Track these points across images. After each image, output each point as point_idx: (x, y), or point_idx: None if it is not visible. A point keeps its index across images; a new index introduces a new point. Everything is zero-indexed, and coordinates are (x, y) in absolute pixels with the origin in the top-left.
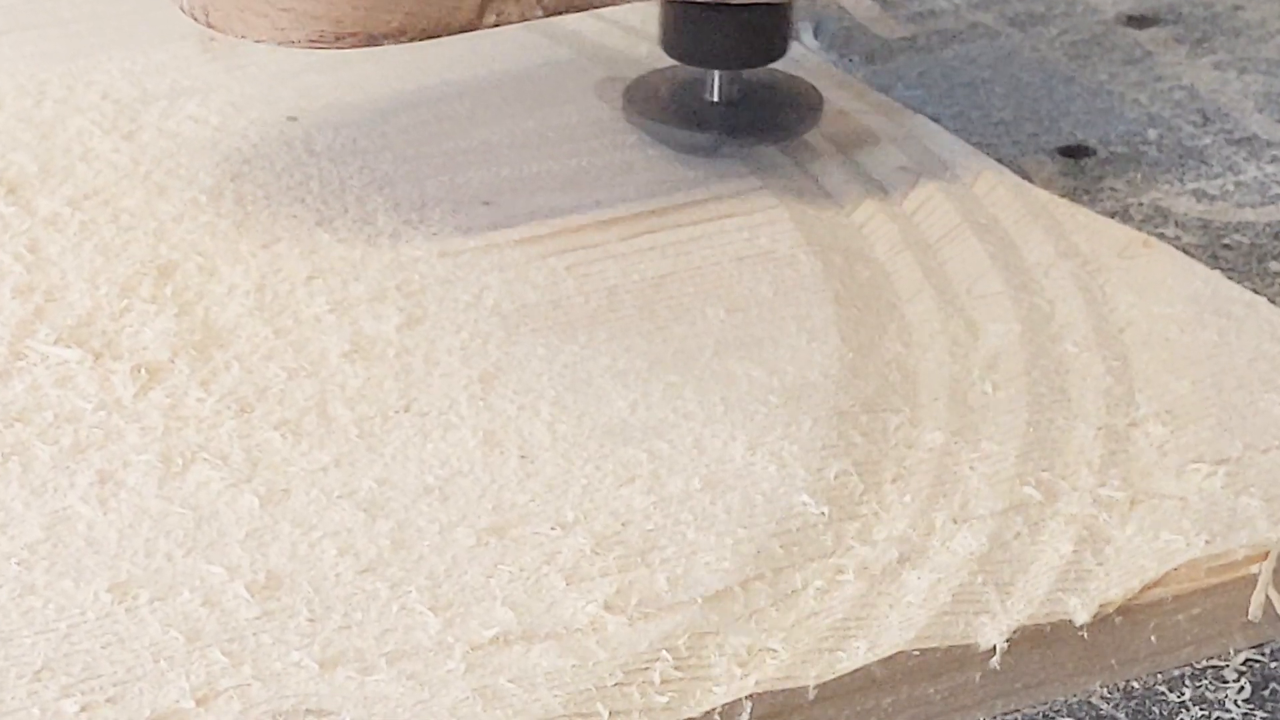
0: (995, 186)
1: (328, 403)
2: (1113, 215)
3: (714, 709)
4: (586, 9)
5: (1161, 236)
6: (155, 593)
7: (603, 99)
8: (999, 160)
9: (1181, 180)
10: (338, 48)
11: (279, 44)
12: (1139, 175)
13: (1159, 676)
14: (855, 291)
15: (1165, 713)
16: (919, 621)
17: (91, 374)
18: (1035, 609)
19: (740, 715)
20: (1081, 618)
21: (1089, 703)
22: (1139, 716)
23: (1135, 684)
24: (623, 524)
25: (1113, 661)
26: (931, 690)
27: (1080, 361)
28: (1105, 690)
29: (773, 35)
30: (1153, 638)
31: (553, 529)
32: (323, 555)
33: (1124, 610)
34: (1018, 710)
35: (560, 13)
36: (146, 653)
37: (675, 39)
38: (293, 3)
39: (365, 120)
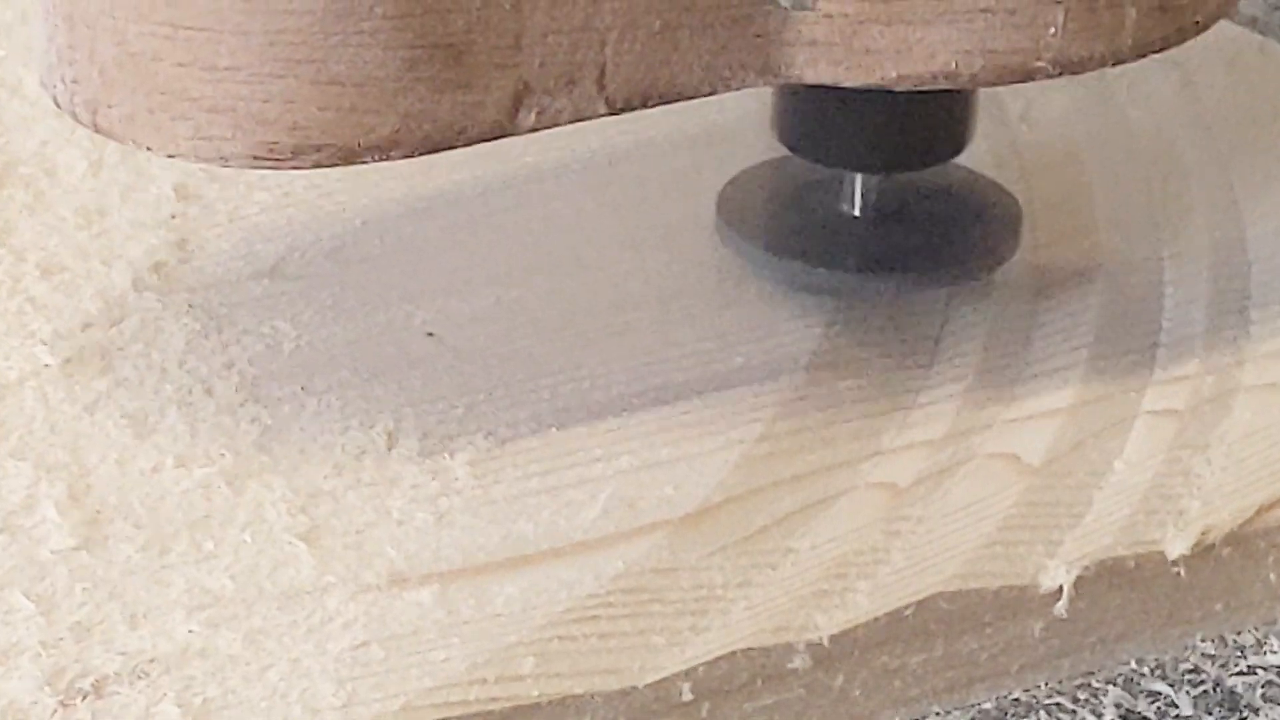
0: None
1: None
2: None
3: (681, 671)
4: (673, 100)
5: None
6: None
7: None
8: None
9: None
10: (295, 166)
11: (204, 161)
12: None
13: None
14: None
15: None
16: (959, 554)
17: None
18: (1114, 538)
19: (717, 679)
20: (1176, 549)
21: (1187, 661)
22: (1254, 679)
23: (1248, 636)
24: (559, 425)
25: (1218, 607)
26: (976, 645)
27: (1174, 204)
28: (1209, 645)
29: (946, 124)
30: (1272, 575)
31: (473, 432)
32: (160, 464)
33: (1233, 539)
34: (1091, 672)
35: (634, 108)
36: None
37: (798, 127)
38: (230, 99)
39: None
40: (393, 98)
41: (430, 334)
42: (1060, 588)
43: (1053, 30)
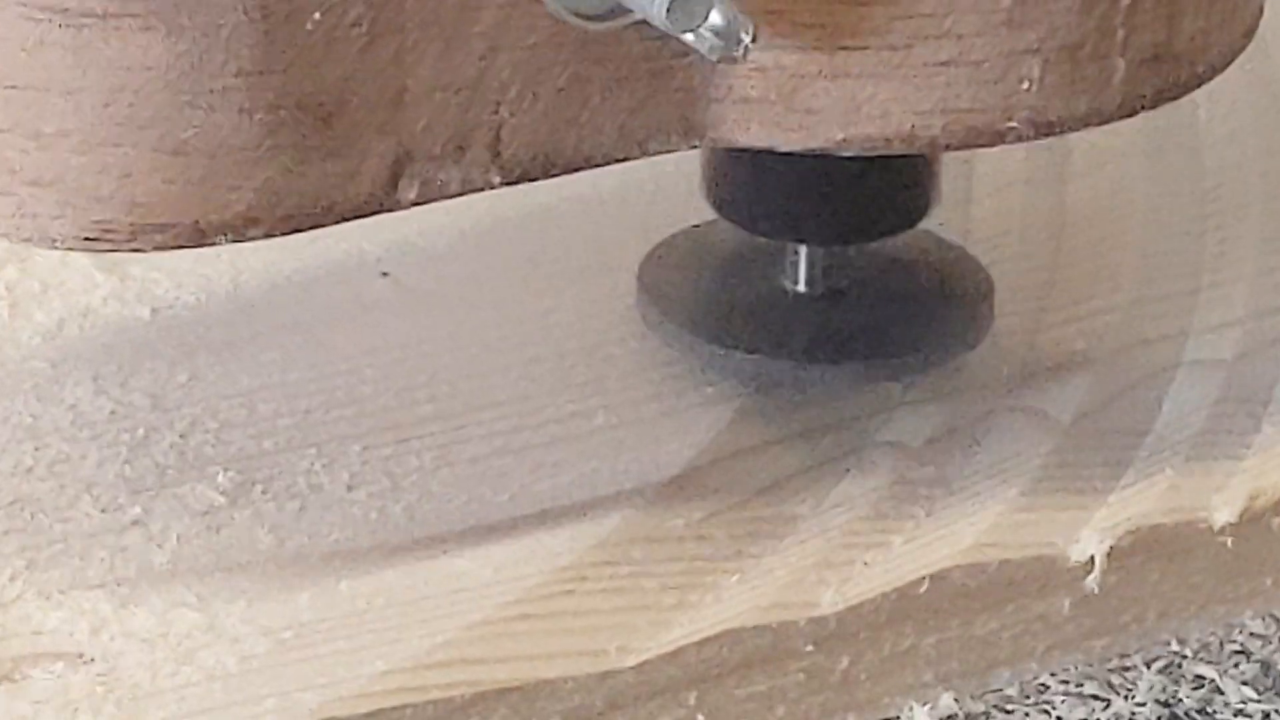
0: None
1: None
2: None
3: (666, 654)
4: (579, 168)
5: None
6: None
7: None
8: None
9: None
10: (135, 249)
11: (26, 242)
12: None
13: None
14: None
15: None
16: (979, 522)
17: None
18: (1153, 504)
19: (706, 663)
20: (1222, 517)
21: (1234, 641)
22: None
23: None
24: (529, 378)
25: (1268, 581)
26: (997, 625)
27: (1224, 146)
28: (1259, 623)
29: (905, 188)
30: None
31: (433, 385)
32: (81, 419)
33: None
34: (1127, 655)
35: (533, 177)
36: None
37: (732, 190)
38: (57, 171)
39: None
40: (250, 168)
41: (385, 274)
42: (1092, 559)
43: (1027, 85)
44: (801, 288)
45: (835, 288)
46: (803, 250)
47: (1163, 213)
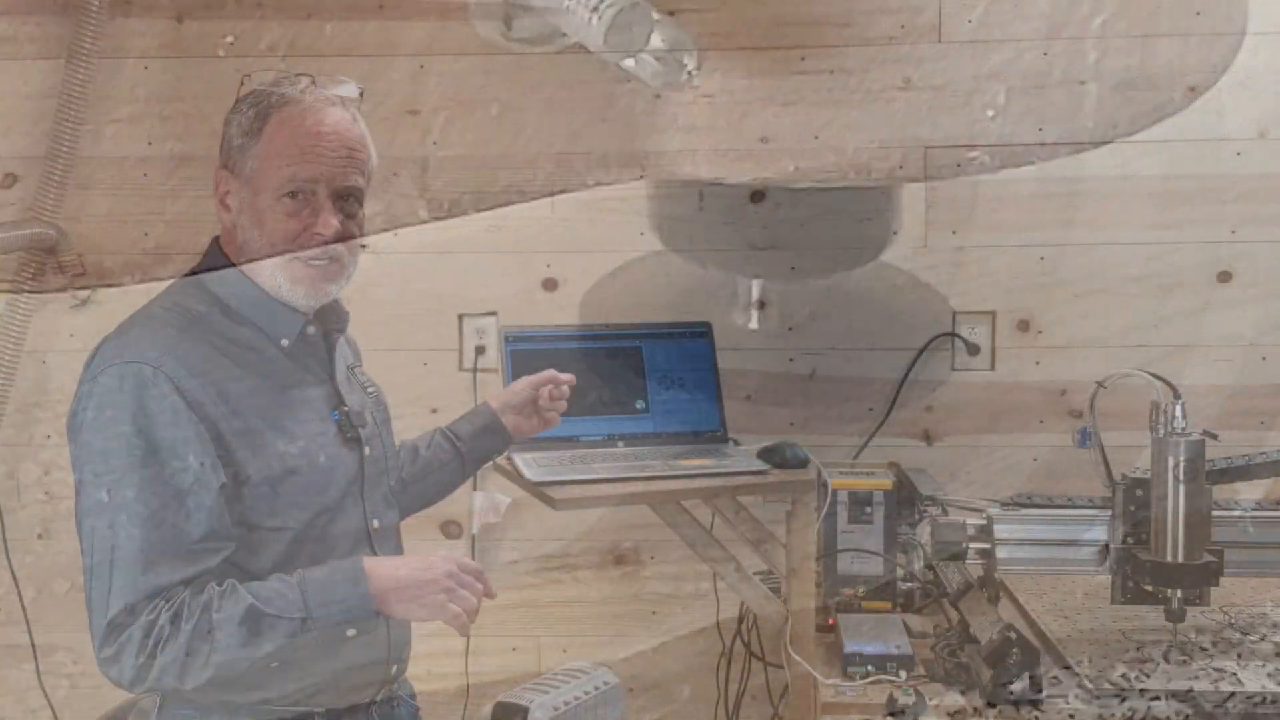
0: None
1: None
2: None
3: (658, 646)
4: (514, 201)
5: None
6: None
7: None
8: None
9: None
10: None
11: None
12: None
13: None
14: None
15: None
16: (987, 510)
17: None
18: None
19: (703, 655)
20: (1244, 502)
21: (1254, 632)
22: None
23: None
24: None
25: None
26: (1006, 616)
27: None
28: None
29: (867, 219)
30: None
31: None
32: (23, 403)
33: None
34: (1141, 645)
35: (464, 211)
36: None
37: (682, 224)
38: None
39: None
40: (159, 210)
41: (364, 247)
42: (1106, 545)
43: (991, 112)
44: (754, 325)
45: (791, 325)
46: (755, 284)
47: (1178, 185)
